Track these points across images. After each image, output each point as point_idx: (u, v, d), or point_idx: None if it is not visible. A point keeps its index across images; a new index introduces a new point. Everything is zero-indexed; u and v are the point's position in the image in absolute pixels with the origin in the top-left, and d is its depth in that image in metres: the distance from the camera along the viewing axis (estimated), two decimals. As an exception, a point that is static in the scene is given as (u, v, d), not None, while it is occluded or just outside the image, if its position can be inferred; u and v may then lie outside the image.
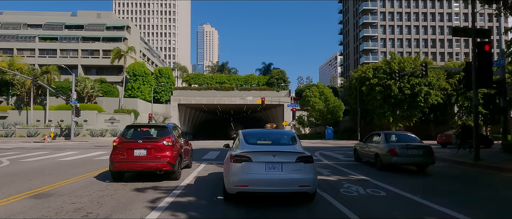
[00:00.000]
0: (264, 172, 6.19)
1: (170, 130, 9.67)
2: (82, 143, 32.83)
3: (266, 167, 6.21)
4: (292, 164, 6.28)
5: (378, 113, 44.25)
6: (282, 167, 6.22)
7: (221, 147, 22.31)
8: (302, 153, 6.48)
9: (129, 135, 9.39)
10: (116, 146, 9.00)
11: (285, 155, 6.37)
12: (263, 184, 6.16)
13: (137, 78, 59.84)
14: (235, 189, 6.30)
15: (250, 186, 6.18)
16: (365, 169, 12.23)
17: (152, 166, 8.86)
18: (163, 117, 56.74)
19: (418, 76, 40.77)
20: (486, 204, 7.03)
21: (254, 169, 6.20)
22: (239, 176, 6.21)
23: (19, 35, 63.57)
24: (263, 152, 6.43)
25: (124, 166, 8.86)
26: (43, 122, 47.49)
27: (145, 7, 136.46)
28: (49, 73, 49.41)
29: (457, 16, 72.90)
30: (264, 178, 6.15)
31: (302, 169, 6.28)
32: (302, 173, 6.26)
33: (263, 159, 6.24)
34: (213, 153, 18.93)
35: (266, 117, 75.07)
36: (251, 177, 6.16)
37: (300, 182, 6.22)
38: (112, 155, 8.98)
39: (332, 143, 35.42)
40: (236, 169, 6.26)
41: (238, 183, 6.22)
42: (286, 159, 6.29)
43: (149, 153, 8.85)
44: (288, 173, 6.22)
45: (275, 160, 6.24)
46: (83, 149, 22.48)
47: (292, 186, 6.22)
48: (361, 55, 74.23)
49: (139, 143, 8.91)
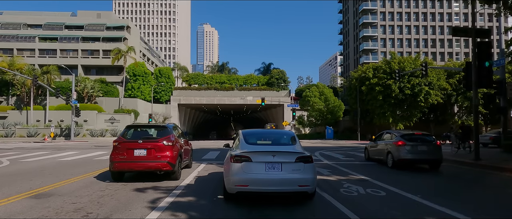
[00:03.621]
0: (264, 172, 6.21)
1: (170, 130, 9.66)
2: (82, 143, 32.83)
3: (266, 167, 6.23)
4: (292, 164, 6.29)
5: (378, 112, 44.24)
6: (282, 167, 6.24)
7: (221, 147, 22.26)
8: (301, 153, 6.49)
9: (129, 135, 9.37)
10: (116, 146, 9.01)
11: (285, 155, 6.38)
12: (263, 184, 6.18)
13: (137, 78, 59.82)
14: (235, 189, 6.33)
15: (250, 185, 6.20)
16: (366, 169, 12.24)
17: (152, 166, 8.85)
18: (163, 117, 56.72)
19: (418, 76, 40.76)
20: (487, 205, 7.03)
21: (254, 169, 6.21)
22: (239, 176, 6.23)
23: (19, 35, 63.54)
24: (263, 152, 6.44)
25: (124, 166, 8.85)
26: (43, 122, 47.47)
27: (145, 7, 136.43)
28: (49, 73, 49.42)
29: (457, 16, 72.89)
30: (264, 178, 6.17)
31: (302, 169, 6.29)
32: (301, 173, 6.27)
33: (263, 159, 6.26)
34: (213, 153, 18.94)
35: (266, 117, 75.04)
36: (251, 177, 6.18)
37: (300, 182, 6.23)
38: (112, 155, 8.98)
39: (332, 143, 35.42)
40: (236, 169, 6.27)
41: (238, 182, 6.24)
42: (286, 159, 6.31)
43: (149, 153, 8.84)
44: (287, 173, 6.23)
45: (275, 160, 6.25)
46: (83, 149, 22.48)
47: (292, 186, 6.24)
48: (361, 55, 74.24)
49: (139, 143, 8.90)
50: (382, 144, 13.71)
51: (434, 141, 12.46)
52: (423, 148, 12.13)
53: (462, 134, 19.05)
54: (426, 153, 12.10)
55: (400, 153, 12.05)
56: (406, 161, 12.07)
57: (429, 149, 12.13)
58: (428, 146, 12.18)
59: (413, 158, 12.02)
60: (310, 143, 36.60)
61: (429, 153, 12.10)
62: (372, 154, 14.84)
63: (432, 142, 12.33)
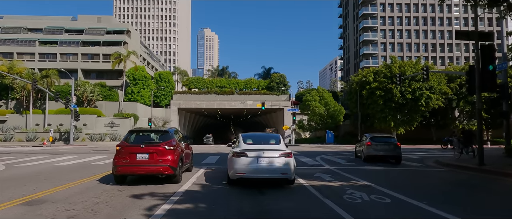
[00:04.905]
0: (256, 164, 8.36)
1: (172, 135, 9.88)
2: (81, 147, 32.57)
3: (258, 160, 8.38)
4: (276, 158, 8.42)
5: (379, 117, 43.99)
6: (269, 160, 8.38)
7: (221, 151, 22.33)
8: (283, 150, 8.61)
9: (132, 140, 9.61)
10: (119, 150, 9.19)
11: (271, 152, 8.52)
12: (255, 172, 8.40)
13: (137, 82, 59.66)
14: (236, 176, 8.55)
15: (246, 173, 8.39)
16: (369, 174, 11.99)
17: (154, 170, 9.07)
18: (163, 121, 56.47)
19: (419, 81, 40.57)
20: (496, 212, 6.79)
21: (249, 161, 8.36)
22: (238, 167, 8.41)
23: (19, 39, 63.49)
24: (255, 149, 8.58)
25: (127, 169, 9.09)
26: (42, 126, 47.23)
27: (146, 12, 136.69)
28: (49, 77, 49.22)
29: (457, 21, 72.83)
30: (256, 168, 8.36)
31: (284, 162, 8.41)
32: (283, 164, 8.39)
33: (255, 154, 8.42)
34: (212, 158, 18.69)
35: (266, 121, 74.79)
36: (247, 167, 8.34)
37: (282, 171, 8.42)
38: (115, 159, 9.17)
39: (333, 148, 35.14)
40: (236, 161, 8.46)
41: (238, 171, 8.44)
42: (272, 154, 8.43)
43: (151, 157, 9.03)
44: (273, 164, 8.38)
45: (264, 155, 8.41)
46: (81, 154, 22.22)
47: (276, 173, 8.46)
48: (361, 60, 74.12)
49: (141, 147, 9.10)
50: (360, 144, 18.03)
51: (394, 142, 16.30)
52: (385, 147, 16.09)
53: (464, 138, 18.81)
54: (387, 150, 16.03)
55: (368, 150, 16.26)
56: (371, 157, 16.22)
57: (390, 147, 16.03)
58: (389, 145, 16.09)
59: (376, 154, 16.08)
60: (310, 147, 36.33)
61: (389, 150, 16.02)
62: (357, 152, 18.97)
63: (392, 143, 16.20)
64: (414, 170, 13.91)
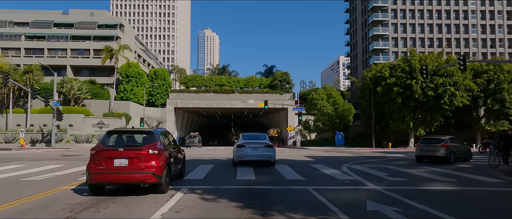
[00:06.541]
0: (251, 151, 14.28)
1: (157, 136, 8.41)
2: (54, 151, 28.27)
3: (252, 149, 14.34)
4: (263, 147, 14.38)
5: (396, 117, 39.57)
6: (259, 149, 14.32)
7: (219, 157, 19.75)
8: (268, 143, 14.63)
9: (110, 142, 8.26)
10: (93, 155, 7.82)
11: (260, 144, 14.50)
12: (250, 156, 14.20)
13: (130, 79, 55.50)
14: (238, 159, 14.25)
15: (244, 158, 14.17)
16: (441, 199, 7.52)
17: (135, 178, 7.68)
18: (157, 121, 52.34)
19: (443, 75, 36.18)
20: None
21: (246, 150, 14.30)
22: (239, 153, 14.27)
23: (4, 34, 59.20)
24: (250, 142, 14.59)
25: (103, 178, 7.65)
26: (24, 126, 43.07)
27: (143, 9, 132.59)
28: (32, 73, 44.98)
29: (474, 14, 68.31)
30: (251, 154, 14.25)
31: (268, 150, 14.38)
32: (268, 151, 14.35)
33: (250, 145, 14.41)
34: (204, 168, 13.67)
35: (268, 122, 70.54)
36: (245, 153, 14.25)
37: (267, 156, 14.28)
38: (89, 165, 7.78)
39: (347, 151, 30.69)
40: (238, 150, 14.34)
41: (239, 156, 14.26)
42: (261, 145, 14.42)
43: (131, 162, 7.64)
44: (261, 152, 14.29)
45: (256, 146, 14.39)
46: (36, 161, 17.48)
47: (263, 158, 14.28)
48: (370, 56, 69.57)
49: (119, 152, 7.67)
50: None
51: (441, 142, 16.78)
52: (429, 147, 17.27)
53: (504, 145, 14.39)
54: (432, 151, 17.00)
55: None
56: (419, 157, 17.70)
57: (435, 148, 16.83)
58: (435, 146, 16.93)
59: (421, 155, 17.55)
60: (321, 151, 31.88)
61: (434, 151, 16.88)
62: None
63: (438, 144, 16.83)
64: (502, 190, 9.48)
